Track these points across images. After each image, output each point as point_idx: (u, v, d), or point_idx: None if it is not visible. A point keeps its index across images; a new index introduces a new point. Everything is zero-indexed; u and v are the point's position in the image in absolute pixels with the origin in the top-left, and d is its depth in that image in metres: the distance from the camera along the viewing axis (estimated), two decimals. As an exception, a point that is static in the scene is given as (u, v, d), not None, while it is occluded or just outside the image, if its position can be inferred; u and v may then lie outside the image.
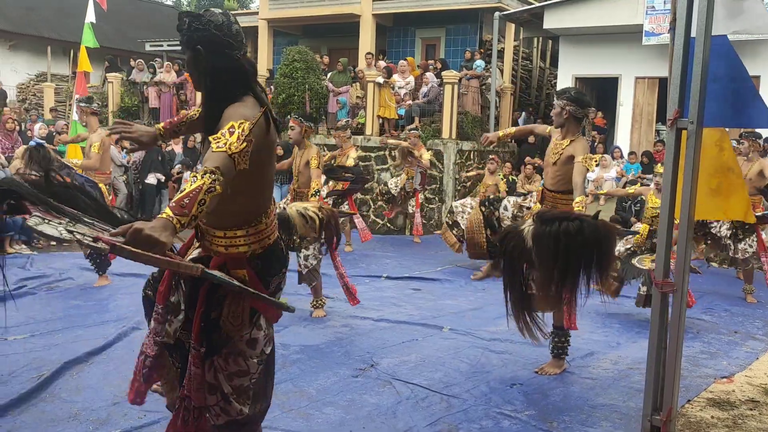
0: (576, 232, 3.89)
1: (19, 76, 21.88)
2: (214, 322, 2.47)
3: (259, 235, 2.53)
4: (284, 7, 18.14)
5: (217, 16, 2.43)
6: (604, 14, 13.40)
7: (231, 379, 2.50)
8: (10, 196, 2.36)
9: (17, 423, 3.67)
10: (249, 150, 2.25)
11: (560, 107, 4.84)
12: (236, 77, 2.44)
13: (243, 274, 2.50)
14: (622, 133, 14.29)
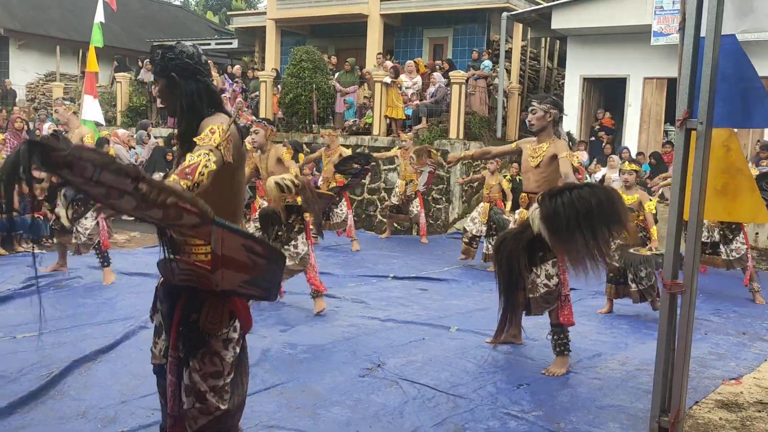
0: (589, 195, 4.10)
1: (28, 76, 21.98)
2: (192, 324, 2.52)
3: None
4: (292, 7, 18.16)
5: (188, 48, 2.66)
6: (612, 14, 13.36)
7: (206, 379, 2.52)
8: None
9: (26, 420, 3.69)
10: (230, 146, 2.43)
11: (544, 111, 4.91)
12: (208, 98, 2.64)
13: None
14: (630, 133, 14.24)
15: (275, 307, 6.33)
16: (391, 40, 18.02)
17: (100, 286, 6.95)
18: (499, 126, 14.65)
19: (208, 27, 29.04)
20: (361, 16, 17.08)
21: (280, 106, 15.39)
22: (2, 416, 3.68)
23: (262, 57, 19.90)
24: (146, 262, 8.14)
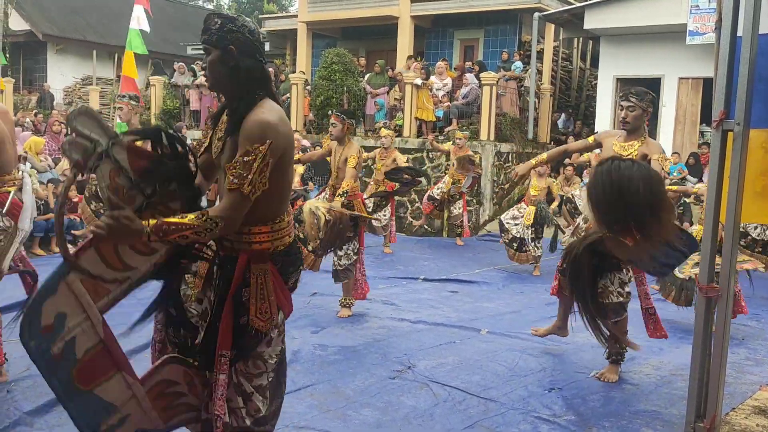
0: (629, 165, 3.75)
1: (65, 80, 22.45)
2: (242, 327, 2.55)
3: (280, 233, 2.59)
4: (323, 10, 18.26)
5: (249, 23, 2.53)
6: (647, 14, 13.18)
7: (251, 380, 2.58)
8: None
9: (63, 418, 3.75)
10: (267, 174, 2.37)
11: (643, 109, 4.58)
12: (261, 79, 2.52)
13: (265, 269, 2.56)
14: (664, 134, 14.03)
15: (306, 309, 6.37)
16: (421, 42, 18.01)
17: (135, 287, 7.05)
18: (531, 127, 14.55)
19: (241, 30, 29.30)
20: (392, 18, 17.10)
21: (312, 109, 15.48)
22: (40, 414, 3.75)
23: (293, 59, 20.04)
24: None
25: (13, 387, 4.13)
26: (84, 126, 2.30)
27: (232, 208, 2.36)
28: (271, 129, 2.39)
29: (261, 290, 2.54)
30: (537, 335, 5.37)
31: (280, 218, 2.59)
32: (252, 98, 2.47)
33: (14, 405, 3.84)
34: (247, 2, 39.23)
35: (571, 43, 17.55)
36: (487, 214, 12.93)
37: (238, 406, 2.57)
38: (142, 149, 2.42)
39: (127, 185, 2.36)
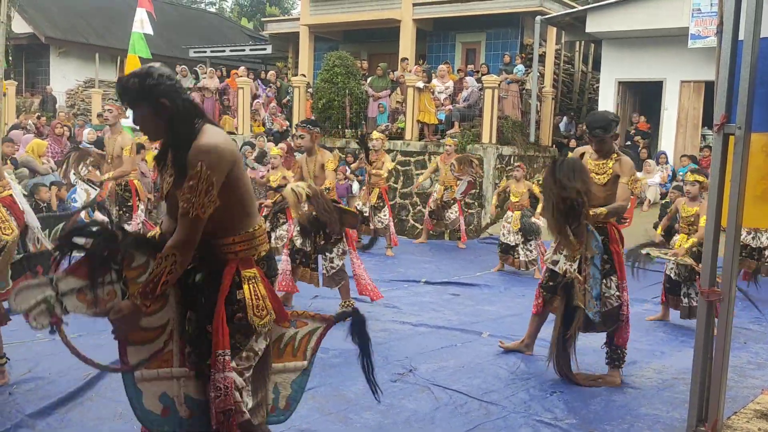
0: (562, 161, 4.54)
1: (68, 82, 22.49)
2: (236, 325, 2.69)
3: (260, 239, 2.79)
4: (325, 13, 18.29)
5: (161, 68, 2.63)
6: (649, 17, 13.18)
7: (242, 374, 2.71)
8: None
9: (65, 421, 3.76)
10: (214, 192, 2.52)
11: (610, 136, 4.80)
12: (192, 112, 2.65)
13: (253, 273, 2.74)
14: (666, 137, 14.03)
15: (308, 312, 6.36)
16: (423, 45, 18.03)
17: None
18: (533, 130, 14.56)
19: (243, 33, 29.39)
20: (394, 21, 17.12)
21: (313, 111, 15.49)
22: (42, 416, 3.76)
23: (295, 62, 20.07)
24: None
25: (15, 389, 4.14)
26: (24, 301, 2.49)
27: (184, 231, 2.53)
28: (211, 151, 2.52)
29: (255, 292, 2.72)
30: (503, 348, 5.35)
31: (254, 226, 2.77)
32: (192, 131, 2.60)
33: (16, 407, 3.84)
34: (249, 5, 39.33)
35: (573, 46, 17.55)
36: (489, 217, 12.92)
37: (237, 401, 2.68)
38: (77, 265, 2.59)
39: (95, 292, 2.59)
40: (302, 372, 3.07)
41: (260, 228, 2.80)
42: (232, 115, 16.41)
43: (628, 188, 4.69)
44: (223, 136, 2.65)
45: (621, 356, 4.82)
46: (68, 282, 2.55)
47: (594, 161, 4.86)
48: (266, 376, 2.84)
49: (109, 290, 2.63)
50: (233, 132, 15.83)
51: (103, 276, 2.60)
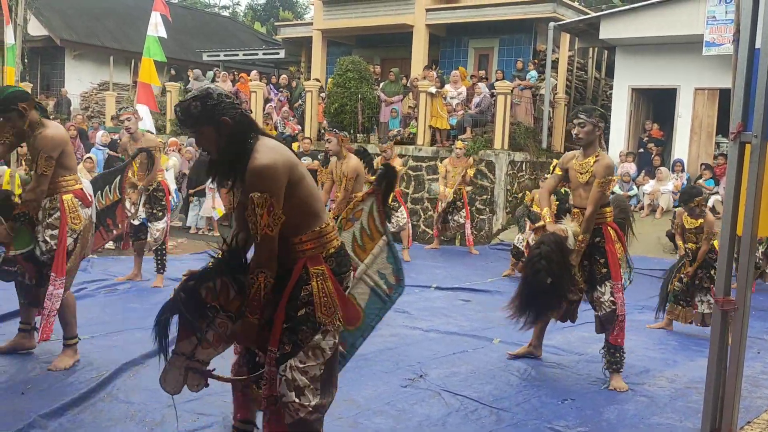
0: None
1: (82, 85, 22.65)
2: (301, 320, 2.78)
3: (327, 237, 2.88)
4: (338, 18, 18.34)
5: (216, 88, 2.78)
6: (663, 24, 13.13)
7: (305, 373, 2.76)
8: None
9: (77, 422, 3.78)
10: (277, 211, 2.67)
11: (593, 125, 4.84)
12: (248, 125, 2.79)
13: (321, 270, 2.83)
14: (680, 145, 13.95)
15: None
16: (436, 50, 18.03)
17: (149, 291, 7.10)
18: (545, 137, 14.52)
19: (256, 37, 29.52)
20: (407, 26, 17.14)
21: (326, 116, 15.53)
22: (54, 417, 3.77)
23: (308, 67, 20.12)
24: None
25: (28, 389, 4.16)
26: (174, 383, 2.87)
27: (261, 250, 2.71)
28: (263, 174, 2.65)
29: (323, 289, 2.81)
30: (512, 356, 5.34)
31: (321, 225, 2.87)
32: (246, 147, 2.73)
33: (28, 407, 3.86)
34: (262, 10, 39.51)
35: (586, 52, 17.50)
36: (500, 222, 12.90)
37: (290, 401, 2.75)
38: (181, 332, 2.85)
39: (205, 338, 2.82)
40: (387, 245, 3.19)
41: (327, 226, 2.89)
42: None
43: (598, 190, 4.73)
44: (275, 150, 2.72)
45: (619, 359, 4.81)
46: (185, 345, 2.81)
47: (578, 161, 4.94)
48: (335, 375, 2.92)
49: (220, 323, 2.82)
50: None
51: (202, 326, 2.79)
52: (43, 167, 4.40)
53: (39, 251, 4.52)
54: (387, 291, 3.18)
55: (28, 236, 4.53)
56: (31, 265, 4.55)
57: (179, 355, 2.82)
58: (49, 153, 4.41)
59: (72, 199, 4.59)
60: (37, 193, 4.46)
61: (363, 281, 3.17)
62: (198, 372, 2.83)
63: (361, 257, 3.16)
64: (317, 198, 2.91)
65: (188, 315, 2.78)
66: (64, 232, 4.51)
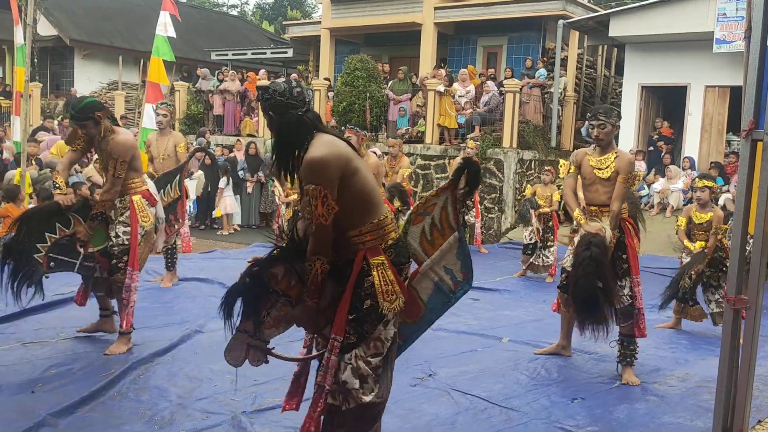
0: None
1: (92, 85, 22.74)
2: (365, 312, 2.91)
3: (385, 229, 3.00)
4: (346, 17, 18.33)
5: (279, 85, 2.97)
6: (673, 21, 13.05)
7: (369, 362, 2.92)
8: None
9: (87, 420, 3.79)
10: (330, 201, 2.79)
11: (611, 125, 4.95)
12: (303, 123, 2.94)
13: (381, 260, 2.94)
14: (690, 143, 13.87)
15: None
16: (444, 49, 18.00)
17: (158, 291, 7.12)
18: (554, 135, 14.47)
19: (265, 36, 29.56)
20: (415, 24, 17.12)
21: (334, 114, 15.53)
22: (64, 415, 3.79)
23: (316, 65, 20.13)
24: (201, 267, 8.30)
25: (38, 388, 4.18)
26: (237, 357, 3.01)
27: (316, 239, 2.87)
28: (316, 166, 2.80)
29: (383, 278, 2.92)
30: (540, 354, 5.38)
31: (379, 217, 2.99)
32: (302, 143, 2.90)
33: (39, 406, 3.88)
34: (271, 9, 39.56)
35: (595, 50, 17.42)
36: (509, 221, 12.86)
37: (354, 387, 2.89)
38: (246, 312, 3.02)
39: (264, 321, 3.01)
40: (458, 242, 3.22)
41: (386, 218, 3.01)
42: (253, 117, 16.51)
43: (624, 186, 4.84)
44: (330, 146, 2.86)
45: (632, 353, 4.92)
46: (248, 324, 3.00)
47: (595, 157, 5.01)
48: (392, 363, 3.08)
49: (280, 306, 3.00)
50: (254, 135, 15.91)
51: (264, 307, 2.99)
52: (117, 170, 4.82)
53: (110, 246, 4.98)
54: (452, 287, 3.22)
55: (104, 234, 4.99)
56: (106, 260, 5.02)
57: (243, 333, 3.00)
58: (123, 157, 4.82)
59: (140, 200, 5.08)
60: (111, 194, 4.90)
61: (427, 276, 3.21)
62: (259, 349, 3.02)
63: (429, 252, 3.21)
64: (374, 191, 3.02)
65: (251, 298, 2.97)
66: (135, 229, 5.00)
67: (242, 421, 3.82)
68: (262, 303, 2.99)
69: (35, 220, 4.82)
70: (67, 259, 4.93)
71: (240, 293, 2.98)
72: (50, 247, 4.82)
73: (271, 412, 3.94)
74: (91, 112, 4.75)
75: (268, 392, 4.27)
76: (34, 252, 4.74)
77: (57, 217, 4.83)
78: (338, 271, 2.97)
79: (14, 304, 4.77)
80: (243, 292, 2.98)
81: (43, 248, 4.79)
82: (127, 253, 4.99)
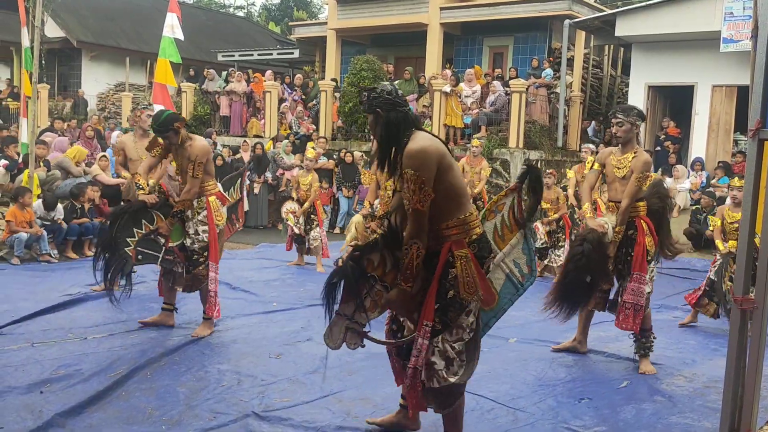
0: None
1: (99, 86, 22.83)
2: (449, 301, 3.19)
3: (471, 224, 3.27)
4: (352, 17, 18.35)
5: (386, 86, 3.34)
6: (680, 21, 13.02)
7: (453, 346, 3.22)
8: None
9: (94, 420, 3.81)
10: (427, 188, 3.09)
11: (631, 123, 5.10)
12: (405, 121, 3.27)
13: (465, 253, 3.21)
14: (697, 143, 13.83)
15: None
16: (450, 49, 18.00)
17: (165, 291, 7.12)
18: (560, 135, 14.45)
19: (271, 37, 29.61)
20: (421, 24, 17.13)
21: (340, 115, 15.54)
22: (72, 415, 3.81)
23: (322, 66, 20.16)
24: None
25: (46, 388, 4.20)
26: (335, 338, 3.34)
27: (414, 223, 3.13)
28: (416, 155, 3.10)
29: (465, 270, 3.19)
30: (558, 350, 5.47)
31: (465, 213, 3.26)
32: (402, 137, 3.22)
33: (47, 406, 3.89)
34: (277, 9, 39.61)
35: (602, 50, 17.40)
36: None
37: (440, 368, 3.21)
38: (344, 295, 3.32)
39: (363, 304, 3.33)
40: (524, 238, 3.53)
41: (471, 215, 3.27)
42: (259, 118, 16.53)
43: (636, 185, 4.98)
44: (429, 140, 3.19)
45: (647, 344, 5.12)
46: (347, 307, 3.30)
47: (617, 156, 5.19)
48: (478, 348, 3.36)
49: (377, 292, 3.32)
50: (260, 135, 15.94)
51: (363, 291, 3.31)
52: (195, 171, 5.34)
53: (190, 242, 5.51)
54: (520, 279, 3.53)
55: (181, 230, 5.53)
56: (183, 254, 5.54)
57: (341, 316, 3.30)
58: (200, 159, 5.33)
59: (215, 200, 5.61)
60: (191, 194, 5.41)
61: (500, 268, 3.51)
62: (356, 332, 3.32)
63: (500, 246, 3.50)
64: (462, 188, 3.30)
65: (352, 281, 3.26)
66: (213, 226, 5.53)
67: (250, 421, 3.83)
68: (360, 287, 3.28)
69: (125, 218, 5.37)
70: (152, 252, 5.50)
71: (342, 277, 3.26)
72: (138, 241, 5.40)
73: (278, 413, 3.95)
74: (171, 124, 5.28)
75: (276, 392, 4.28)
76: (124, 246, 5.32)
77: (143, 215, 5.41)
78: (428, 260, 3.21)
79: (107, 293, 5.33)
80: (345, 275, 3.26)
81: (132, 242, 5.38)
82: (207, 249, 5.51)
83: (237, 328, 5.84)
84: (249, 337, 5.56)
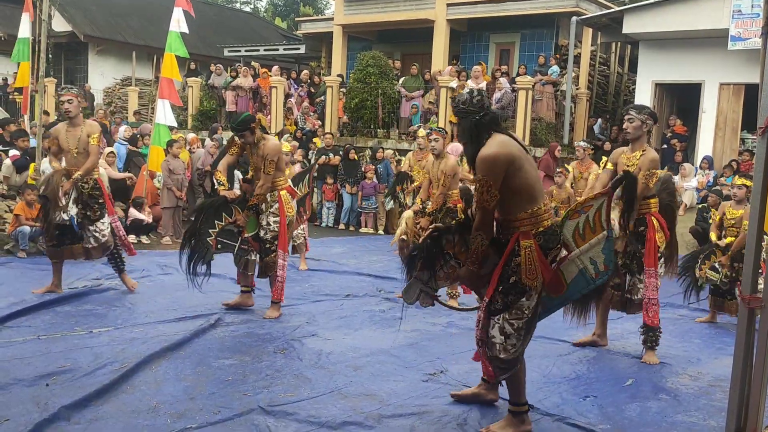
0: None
1: (105, 80, 22.85)
2: (512, 285, 3.60)
3: (539, 218, 3.64)
4: (359, 13, 18.33)
5: (463, 95, 3.74)
6: (687, 18, 12.96)
7: (512, 324, 3.62)
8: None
9: (99, 413, 3.82)
10: (493, 191, 3.49)
11: (641, 121, 5.19)
12: (482, 125, 3.64)
13: (530, 244, 3.58)
14: (704, 141, 13.78)
15: (339, 311, 6.39)
16: (457, 46, 17.96)
17: (171, 286, 7.15)
18: (566, 132, 14.41)
19: (277, 33, 29.58)
20: (428, 21, 17.09)
21: (346, 111, 15.53)
22: (78, 408, 3.82)
23: (328, 62, 20.13)
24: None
25: (52, 381, 4.22)
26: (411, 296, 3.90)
27: (480, 218, 3.60)
28: (485, 161, 3.51)
29: (529, 259, 3.57)
30: (578, 345, 5.53)
31: (534, 208, 3.61)
32: (479, 141, 3.61)
33: (53, 399, 3.91)
34: (283, 5, 39.61)
35: (608, 47, 17.32)
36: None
37: (499, 342, 3.64)
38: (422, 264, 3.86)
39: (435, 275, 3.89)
40: (605, 239, 3.79)
41: (540, 209, 3.63)
42: (265, 113, 16.53)
43: (642, 182, 5.04)
44: (500, 146, 3.54)
45: (654, 338, 5.26)
46: (425, 274, 3.84)
47: (626, 155, 5.29)
48: (533, 329, 3.74)
49: (450, 266, 3.84)
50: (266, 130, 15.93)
51: (438, 264, 3.84)
52: (269, 169, 5.87)
53: (263, 233, 6.05)
54: (594, 275, 3.79)
55: (255, 222, 6.06)
56: (258, 244, 6.10)
57: (418, 280, 3.83)
58: (272, 157, 5.85)
59: (286, 194, 6.13)
60: (264, 189, 5.93)
61: (574, 263, 3.78)
62: (428, 295, 3.87)
63: (579, 244, 3.77)
64: (534, 186, 3.62)
65: (430, 254, 3.81)
66: (283, 218, 6.04)
67: (255, 416, 3.84)
68: (437, 259, 3.80)
69: (208, 211, 5.93)
70: (230, 242, 6.04)
71: (422, 249, 3.81)
72: (218, 232, 5.95)
73: (283, 407, 3.95)
74: (248, 124, 5.81)
75: (281, 387, 4.29)
76: (206, 236, 5.88)
77: (223, 208, 5.96)
78: (500, 246, 3.67)
79: (189, 280, 5.77)
80: (425, 249, 3.81)
81: (213, 233, 5.92)
82: (278, 238, 6.02)
83: (242, 323, 5.85)
84: (254, 332, 5.57)
